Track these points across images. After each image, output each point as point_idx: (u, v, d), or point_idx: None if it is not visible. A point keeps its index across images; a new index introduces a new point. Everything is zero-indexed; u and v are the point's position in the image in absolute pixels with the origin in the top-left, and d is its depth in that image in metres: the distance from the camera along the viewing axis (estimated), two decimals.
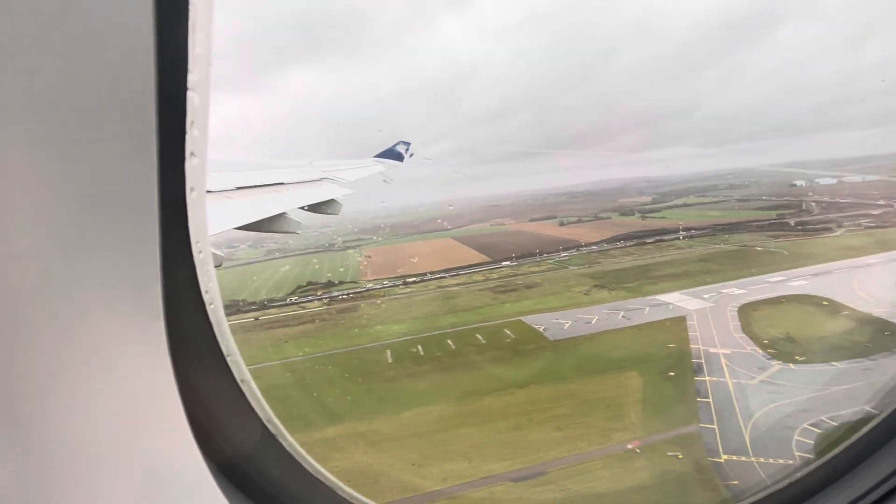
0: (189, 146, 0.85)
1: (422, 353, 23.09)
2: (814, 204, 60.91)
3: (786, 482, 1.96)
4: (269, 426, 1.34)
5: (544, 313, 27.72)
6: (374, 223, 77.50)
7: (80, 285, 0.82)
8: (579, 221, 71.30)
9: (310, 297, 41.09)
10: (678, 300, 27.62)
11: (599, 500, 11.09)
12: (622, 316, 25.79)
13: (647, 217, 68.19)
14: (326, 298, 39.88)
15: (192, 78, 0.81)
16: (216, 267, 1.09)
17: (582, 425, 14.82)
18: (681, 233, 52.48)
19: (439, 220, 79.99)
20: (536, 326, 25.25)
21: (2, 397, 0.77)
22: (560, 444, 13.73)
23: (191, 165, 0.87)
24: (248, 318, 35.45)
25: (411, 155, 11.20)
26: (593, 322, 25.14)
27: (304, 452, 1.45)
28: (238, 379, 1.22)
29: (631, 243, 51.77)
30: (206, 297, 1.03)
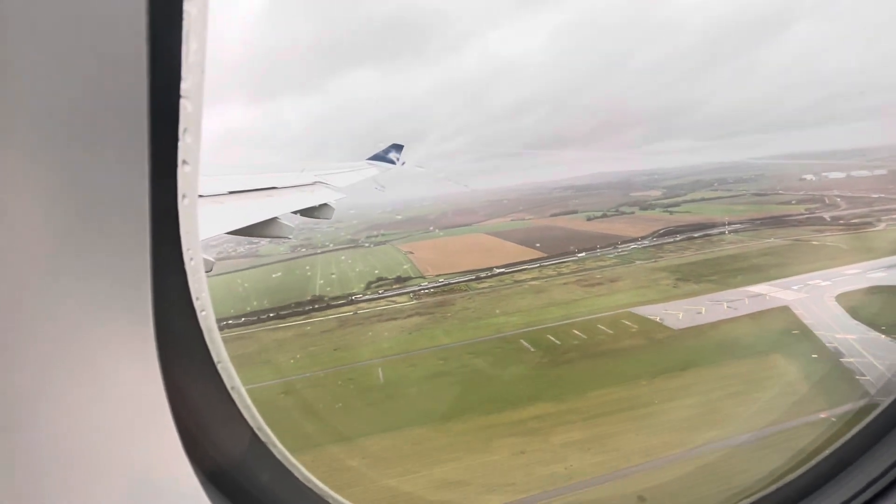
0: (181, 154, 0.87)
1: (557, 342, 25.27)
2: (839, 199, 63.51)
3: (784, 481, 2.00)
4: (260, 434, 1.36)
5: (648, 305, 29.96)
6: (382, 218, 78.45)
7: (70, 292, 0.82)
8: (604, 216, 73.03)
9: (391, 293, 42.98)
10: (770, 291, 30.05)
11: None
12: (727, 306, 28.15)
13: (673, 212, 70.00)
14: (409, 293, 41.84)
15: (186, 86, 0.82)
16: (207, 272, 1.12)
17: (763, 400, 17.12)
18: (726, 227, 54.98)
19: (451, 215, 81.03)
20: (651, 317, 27.54)
21: None
22: (757, 416, 16.00)
23: (183, 173, 0.88)
24: (346, 312, 37.36)
25: (403, 163, 11.09)
26: (703, 312, 27.46)
27: (294, 460, 1.46)
28: (228, 386, 1.23)
29: (680, 238, 54.07)
30: (196, 304, 1.05)
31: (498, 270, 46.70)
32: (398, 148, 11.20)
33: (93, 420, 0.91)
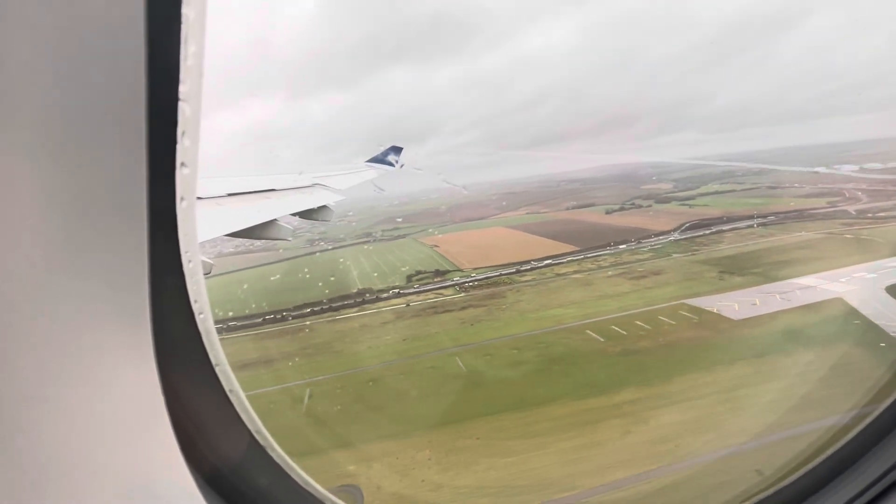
0: (180, 156, 0.88)
1: (623, 332, 26.41)
2: (858, 192, 64.14)
3: (784, 483, 2.03)
4: (258, 437, 1.38)
5: (699, 297, 31.05)
6: (390, 212, 78.60)
7: (67, 294, 0.83)
8: (622, 209, 73.59)
9: (433, 285, 44.07)
10: (819, 283, 31.14)
11: None
12: (780, 298, 29.27)
13: (692, 205, 70.51)
14: (455, 286, 42.96)
15: (184, 89, 0.84)
16: (205, 275, 1.12)
17: (849, 384, 18.27)
18: (755, 221, 55.90)
19: (461, 209, 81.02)
20: (708, 308, 28.66)
21: None
22: (850, 398, 17.14)
23: (181, 175, 0.90)
24: (397, 304, 38.49)
25: (402, 166, 11.13)
26: (758, 304, 28.58)
27: (293, 464, 1.48)
28: (226, 389, 1.24)
29: (709, 231, 55.01)
30: (195, 307, 1.06)
31: (535, 263, 47.86)
32: (397, 150, 11.31)
33: (90, 423, 0.90)
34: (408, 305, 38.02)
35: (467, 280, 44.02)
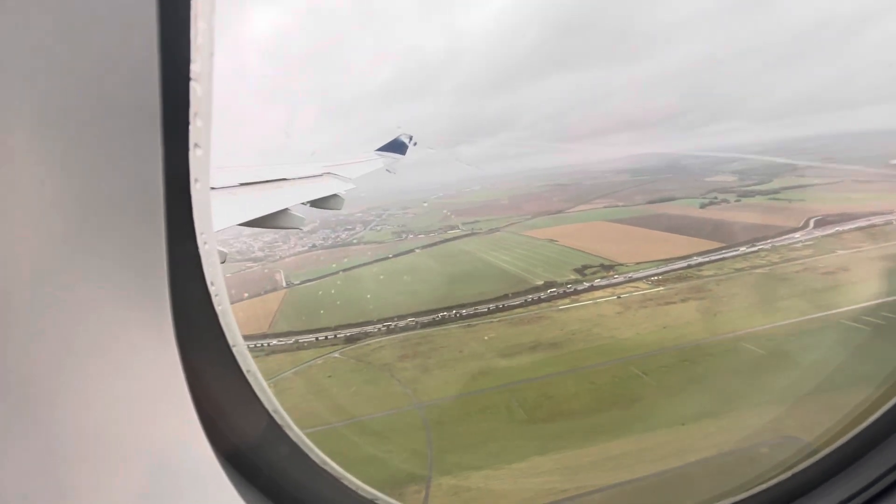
0: (193, 137, 0.90)
1: (881, 322, 29.96)
2: None
3: (780, 478, 2.10)
4: (276, 416, 1.47)
5: None
6: (442, 205, 78.96)
7: (86, 277, 0.85)
8: (711, 203, 73.97)
9: (613, 280, 47.59)
10: None
11: None
12: None
13: (790, 200, 70.87)
14: (641, 280, 46.62)
15: (195, 69, 0.85)
16: (221, 263, 1.16)
17: None
18: (893, 217, 57.56)
19: (521, 201, 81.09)
20: None
21: (10, 390, 0.77)
22: None
23: (195, 156, 0.92)
24: (607, 296, 42.44)
25: (415, 144, 11.50)
26: None
27: (310, 443, 1.59)
28: (244, 369, 1.32)
29: (849, 227, 56.61)
30: (211, 289, 1.10)
31: (700, 258, 50.88)
32: (408, 138, 11.60)
33: (113, 404, 0.95)
34: (619, 297, 42.02)
35: (636, 275, 47.50)
